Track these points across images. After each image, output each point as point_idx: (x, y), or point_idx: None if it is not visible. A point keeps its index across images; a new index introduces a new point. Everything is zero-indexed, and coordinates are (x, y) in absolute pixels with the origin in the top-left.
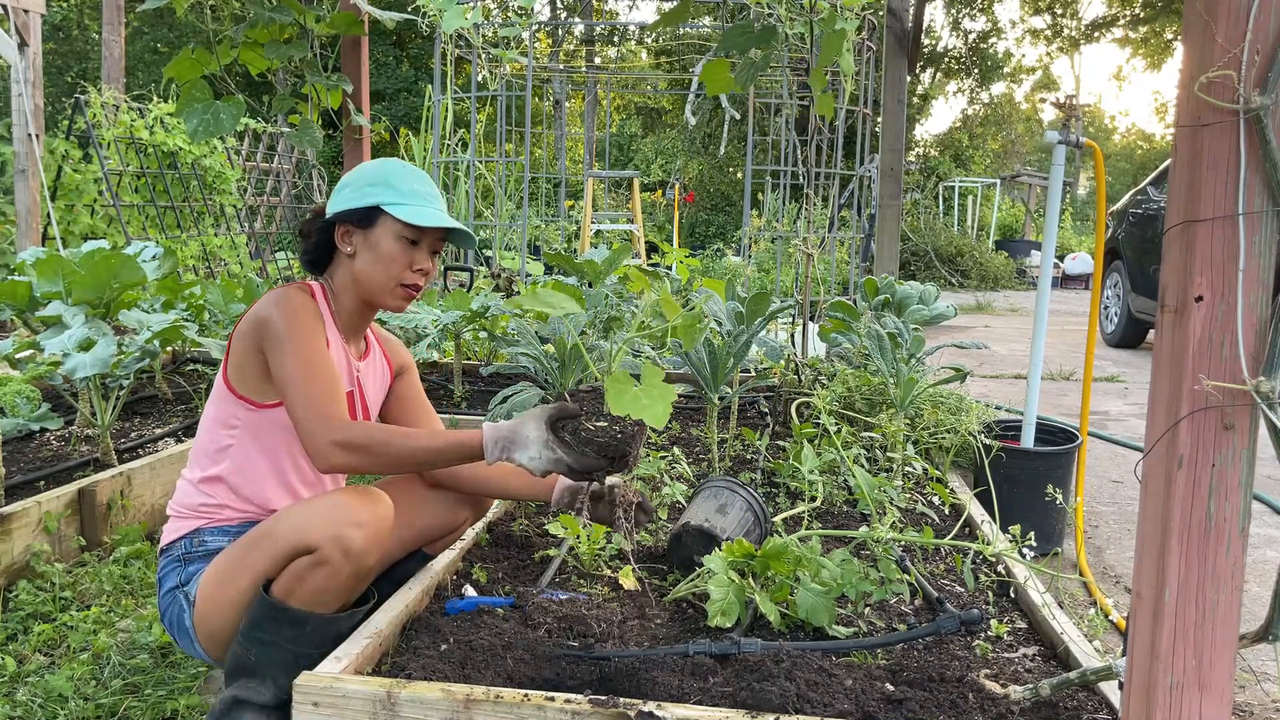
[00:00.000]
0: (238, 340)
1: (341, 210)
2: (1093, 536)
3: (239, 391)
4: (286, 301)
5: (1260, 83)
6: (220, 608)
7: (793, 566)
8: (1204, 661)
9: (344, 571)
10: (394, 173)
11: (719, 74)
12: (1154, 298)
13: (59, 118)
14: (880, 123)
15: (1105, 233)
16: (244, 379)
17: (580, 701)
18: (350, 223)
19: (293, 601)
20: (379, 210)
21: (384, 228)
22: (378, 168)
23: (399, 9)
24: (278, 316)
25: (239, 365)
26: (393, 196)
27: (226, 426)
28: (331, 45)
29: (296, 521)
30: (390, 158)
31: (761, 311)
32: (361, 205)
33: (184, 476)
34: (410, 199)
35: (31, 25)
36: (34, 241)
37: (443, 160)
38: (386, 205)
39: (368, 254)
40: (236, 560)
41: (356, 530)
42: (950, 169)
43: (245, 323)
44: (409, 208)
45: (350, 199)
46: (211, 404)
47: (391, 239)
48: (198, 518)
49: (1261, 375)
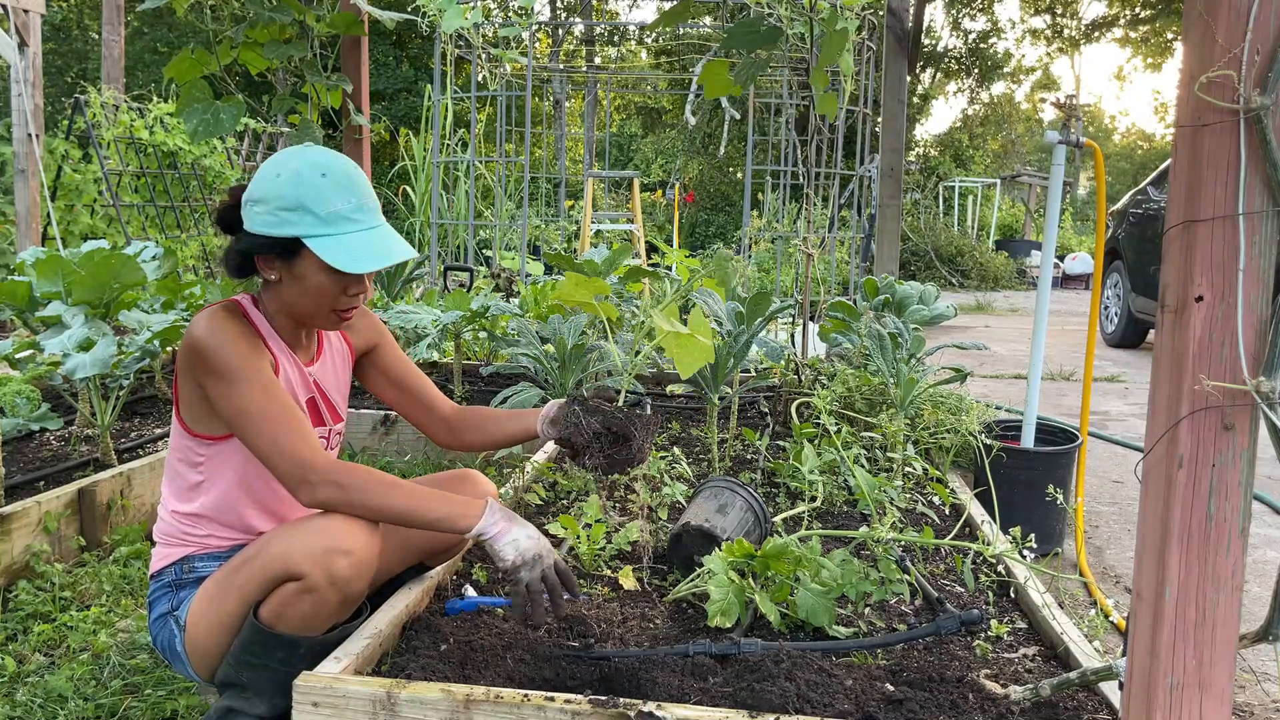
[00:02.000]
0: (180, 376)
1: (258, 235)
2: (1093, 536)
3: (194, 429)
4: (218, 330)
5: (1260, 83)
6: (210, 631)
7: (793, 566)
8: (1204, 661)
9: (331, 599)
10: (310, 190)
11: (718, 75)
12: (1154, 298)
13: (59, 118)
14: (880, 123)
15: (1105, 233)
16: (195, 416)
17: (580, 701)
18: (270, 253)
19: (281, 626)
20: (300, 242)
21: (307, 261)
22: (291, 185)
23: (399, 9)
24: (213, 350)
25: (187, 401)
26: (313, 226)
27: (191, 465)
28: (331, 45)
29: (284, 547)
30: (297, 154)
31: (761, 312)
32: (279, 236)
33: (163, 507)
34: (334, 225)
35: (31, 25)
36: (34, 241)
37: (443, 160)
38: (308, 239)
39: (294, 286)
40: (225, 584)
41: (343, 558)
42: (950, 169)
43: (181, 356)
44: (333, 240)
45: (266, 223)
46: (172, 441)
47: (318, 272)
48: (185, 545)
49: (1261, 375)
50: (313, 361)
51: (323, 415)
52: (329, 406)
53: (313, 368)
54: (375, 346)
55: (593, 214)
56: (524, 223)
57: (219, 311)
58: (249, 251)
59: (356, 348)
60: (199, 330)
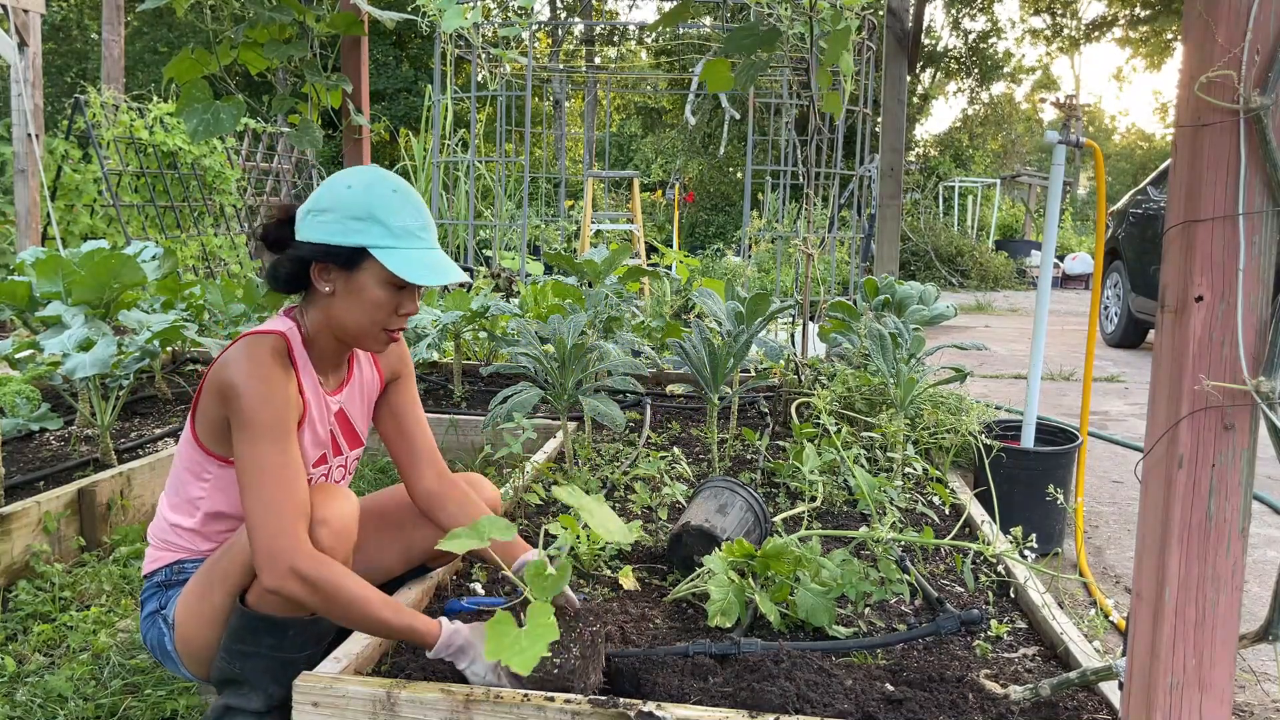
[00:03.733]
0: (206, 395)
1: (320, 244)
2: (1093, 536)
3: (208, 447)
4: (259, 381)
5: (1260, 83)
6: (199, 626)
7: (793, 566)
8: (1204, 661)
9: None
10: (382, 203)
11: (719, 72)
12: (1154, 298)
13: (59, 118)
14: (880, 123)
15: (1105, 233)
16: (213, 436)
17: (580, 701)
18: (330, 261)
19: (266, 608)
20: (365, 253)
21: (370, 272)
22: (363, 196)
23: (399, 9)
24: (247, 402)
25: (208, 420)
26: (382, 237)
27: (197, 479)
28: (331, 45)
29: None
30: (370, 170)
31: (761, 312)
32: (345, 244)
33: (161, 512)
34: (402, 239)
35: (31, 25)
36: (34, 241)
37: (443, 160)
38: (376, 249)
39: (349, 298)
40: (208, 577)
41: (321, 529)
42: (950, 169)
43: (213, 379)
44: (402, 253)
45: (331, 232)
46: (181, 449)
47: (378, 285)
48: (178, 551)
49: (1261, 375)
50: (340, 389)
51: (340, 444)
52: (349, 434)
53: (339, 395)
54: (397, 378)
55: (593, 214)
56: (524, 223)
57: (265, 354)
58: (307, 259)
59: (385, 377)
60: (239, 374)
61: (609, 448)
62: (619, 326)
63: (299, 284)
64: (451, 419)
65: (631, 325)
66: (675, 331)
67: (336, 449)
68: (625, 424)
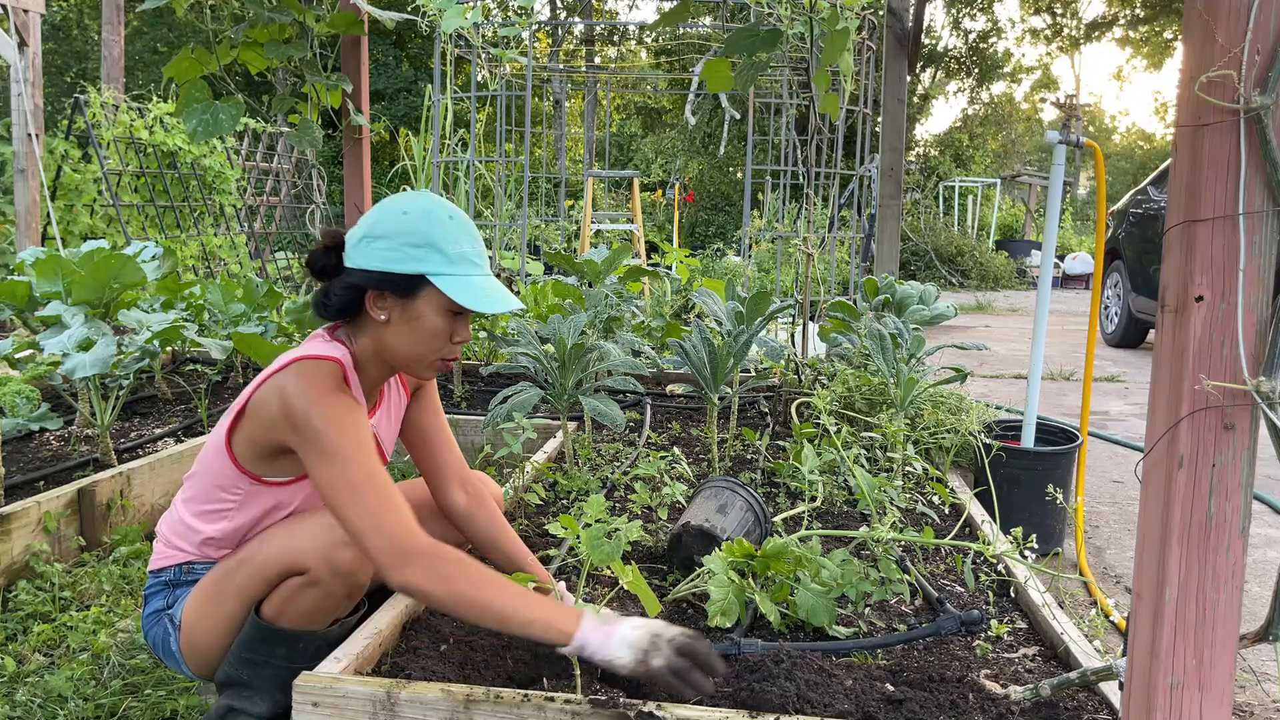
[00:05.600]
0: (255, 414)
1: (378, 271)
2: (1093, 536)
3: (243, 465)
4: (329, 396)
5: (1260, 82)
6: (207, 632)
7: (793, 566)
8: (1204, 661)
9: (337, 592)
10: (440, 230)
11: (719, 72)
12: (1154, 298)
13: (59, 118)
14: (880, 123)
15: (1105, 233)
16: (254, 455)
17: (580, 701)
18: (386, 289)
19: (284, 622)
20: (424, 280)
21: (428, 300)
22: (420, 223)
23: (399, 9)
24: (324, 422)
25: (252, 441)
26: (441, 264)
27: (225, 491)
28: (331, 45)
29: (284, 544)
30: (424, 196)
31: (761, 311)
32: (403, 272)
33: (179, 513)
34: (460, 265)
35: (31, 25)
36: (33, 241)
37: (443, 160)
38: (435, 276)
39: (405, 326)
40: (222, 584)
41: (346, 550)
42: (950, 169)
43: (270, 402)
44: (461, 280)
45: (389, 259)
46: (211, 460)
47: (435, 312)
48: (191, 554)
49: (1262, 375)
50: (374, 411)
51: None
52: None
53: (373, 418)
54: (421, 391)
55: (593, 214)
56: (524, 223)
57: (331, 382)
58: (363, 286)
59: (409, 388)
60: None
61: (609, 447)
62: (619, 326)
63: (352, 311)
64: (451, 419)
65: (631, 325)
66: (675, 331)
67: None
68: (625, 424)
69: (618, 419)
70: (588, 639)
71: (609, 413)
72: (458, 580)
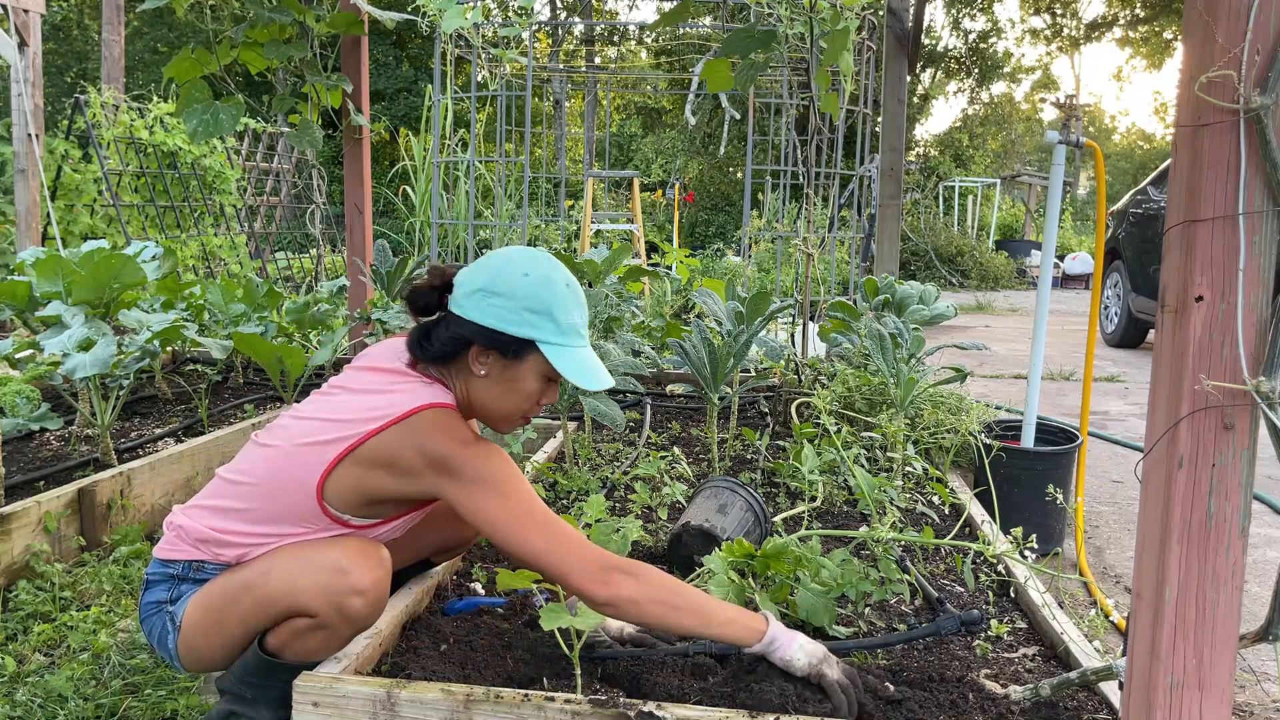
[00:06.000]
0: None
1: (490, 329)
2: (1093, 536)
3: (333, 510)
4: (472, 437)
5: (1260, 83)
6: (208, 645)
7: (793, 566)
8: (1204, 661)
9: (344, 634)
10: (558, 299)
11: (719, 72)
12: (1154, 298)
13: (59, 118)
14: (880, 123)
15: (1105, 233)
16: (354, 500)
17: (580, 701)
18: (495, 347)
19: (288, 655)
20: (533, 345)
21: (532, 365)
22: (542, 288)
23: (399, 9)
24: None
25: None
26: (553, 334)
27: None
28: (331, 45)
29: (290, 582)
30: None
31: (761, 311)
32: (517, 335)
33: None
34: (569, 337)
35: (31, 25)
36: (34, 241)
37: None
38: (545, 345)
39: (502, 385)
40: (225, 609)
41: (357, 599)
42: (950, 169)
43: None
44: (568, 352)
45: (502, 319)
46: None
47: (535, 377)
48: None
49: (1261, 375)
50: None
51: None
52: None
53: None
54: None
55: (593, 214)
56: (524, 223)
57: (458, 420)
58: (470, 340)
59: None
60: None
61: (609, 447)
62: (619, 326)
63: (450, 359)
64: None
65: (631, 325)
66: (675, 331)
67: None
68: (625, 424)
69: (618, 419)
70: (777, 637)
71: (609, 413)
72: (662, 589)
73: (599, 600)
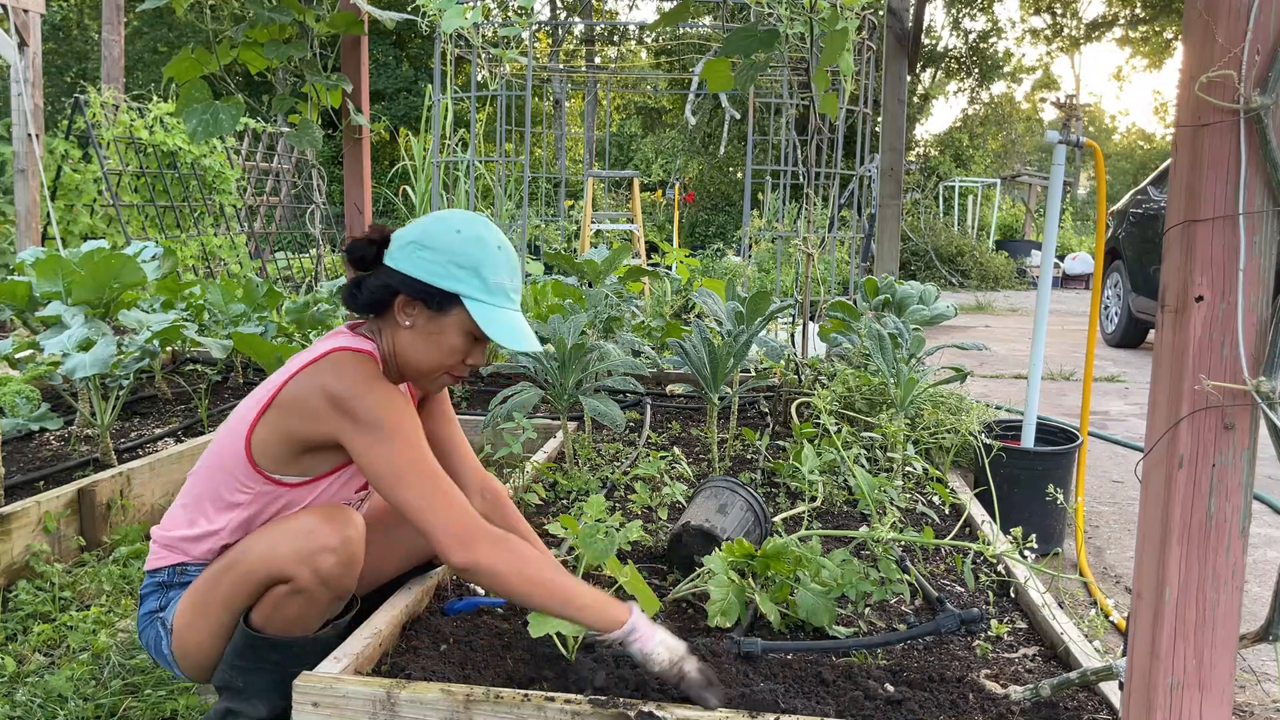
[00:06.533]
0: (291, 407)
1: (418, 280)
2: (1093, 536)
3: (262, 467)
4: (374, 380)
5: (1260, 82)
6: (198, 639)
7: (793, 566)
8: (1204, 661)
9: (321, 598)
10: (487, 258)
11: (720, 71)
12: (1154, 298)
13: (59, 118)
14: (880, 123)
15: (1105, 233)
16: (278, 453)
17: (580, 701)
18: (420, 299)
19: (273, 629)
20: (458, 300)
21: (457, 319)
22: (472, 246)
23: (399, 9)
24: (371, 401)
25: (281, 435)
26: (479, 290)
27: (235, 489)
28: (331, 45)
29: (265, 551)
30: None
31: (761, 311)
32: (442, 288)
33: (179, 512)
34: (495, 296)
35: (31, 25)
36: (34, 241)
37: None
38: (469, 300)
39: (426, 338)
40: (209, 594)
41: (330, 556)
42: (950, 169)
43: (310, 395)
44: (494, 311)
45: (430, 271)
46: (224, 456)
47: (458, 333)
48: (184, 555)
49: (1262, 375)
50: None
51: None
52: None
53: None
54: (428, 396)
55: (593, 214)
56: (524, 223)
57: (370, 369)
58: (397, 290)
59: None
60: (351, 377)
61: (609, 447)
62: (619, 326)
63: (378, 309)
64: None
65: (631, 325)
66: (675, 331)
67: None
68: (625, 424)
69: (618, 419)
70: (637, 626)
71: (609, 413)
72: (527, 562)
73: (457, 564)
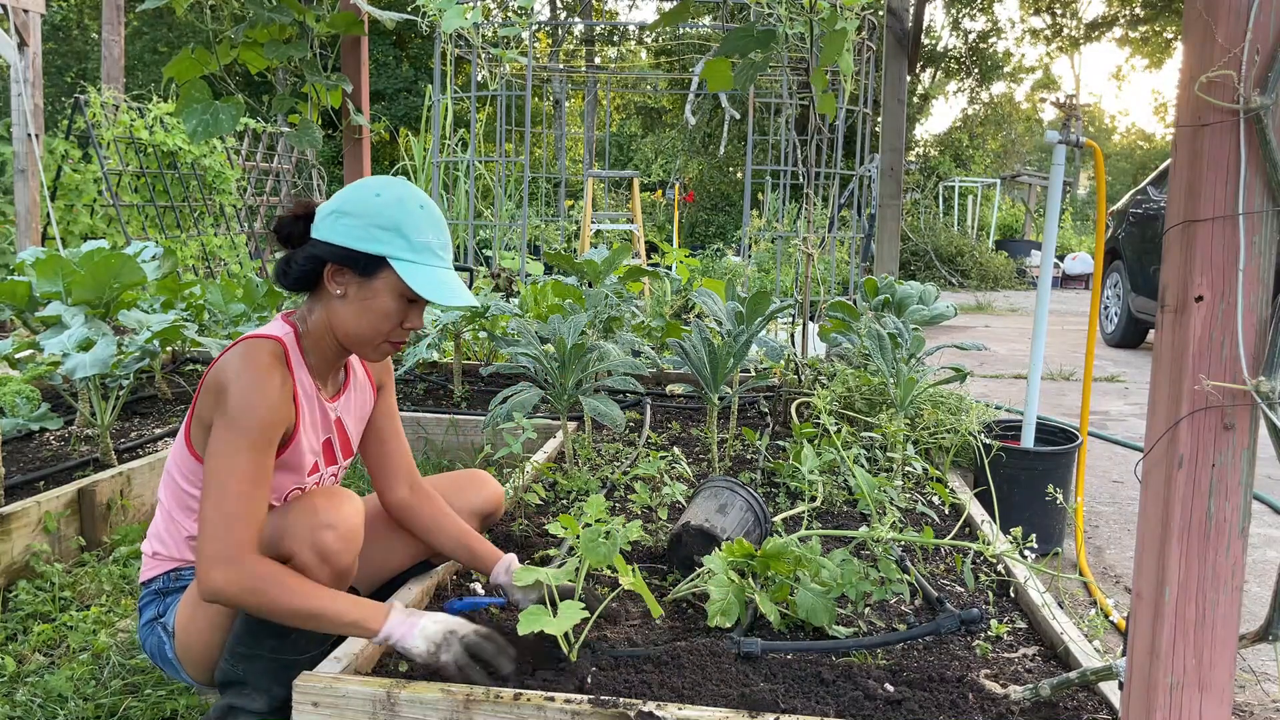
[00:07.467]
0: (201, 398)
1: (341, 246)
2: (1093, 536)
3: (200, 454)
4: (253, 373)
5: (1260, 82)
6: (199, 633)
7: (793, 566)
8: (1204, 661)
9: (321, 575)
10: (408, 217)
11: (720, 71)
12: (1154, 298)
13: (59, 118)
14: (880, 123)
15: (1105, 233)
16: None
17: (580, 701)
18: (347, 265)
19: None
20: (384, 262)
21: (386, 282)
22: (391, 207)
23: (399, 9)
24: (236, 395)
25: (201, 425)
26: (403, 250)
27: (192, 484)
28: (331, 45)
29: (267, 532)
30: (399, 183)
31: (761, 311)
32: (366, 251)
33: (160, 519)
34: (422, 255)
35: (31, 25)
36: (34, 241)
37: (443, 160)
38: (395, 260)
39: (359, 305)
40: None
41: (329, 532)
42: (950, 169)
43: (208, 381)
44: (421, 269)
45: (354, 237)
46: (175, 456)
47: (390, 296)
48: (176, 560)
49: (1261, 375)
50: (338, 396)
51: (335, 454)
52: (344, 442)
53: (337, 403)
54: (382, 387)
55: (593, 214)
56: (524, 222)
57: (262, 358)
58: (324, 259)
59: (375, 383)
60: (232, 375)
61: (609, 447)
62: (619, 326)
63: (309, 283)
64: (451, 419)
65: (631, 325)
66: (675, 331)
67: (331, 458)
68: (625, 424)
69: (618, 419)
70: (393, 631)
71: (609, 413)
72: (269, 589)
73: (201, 585)
